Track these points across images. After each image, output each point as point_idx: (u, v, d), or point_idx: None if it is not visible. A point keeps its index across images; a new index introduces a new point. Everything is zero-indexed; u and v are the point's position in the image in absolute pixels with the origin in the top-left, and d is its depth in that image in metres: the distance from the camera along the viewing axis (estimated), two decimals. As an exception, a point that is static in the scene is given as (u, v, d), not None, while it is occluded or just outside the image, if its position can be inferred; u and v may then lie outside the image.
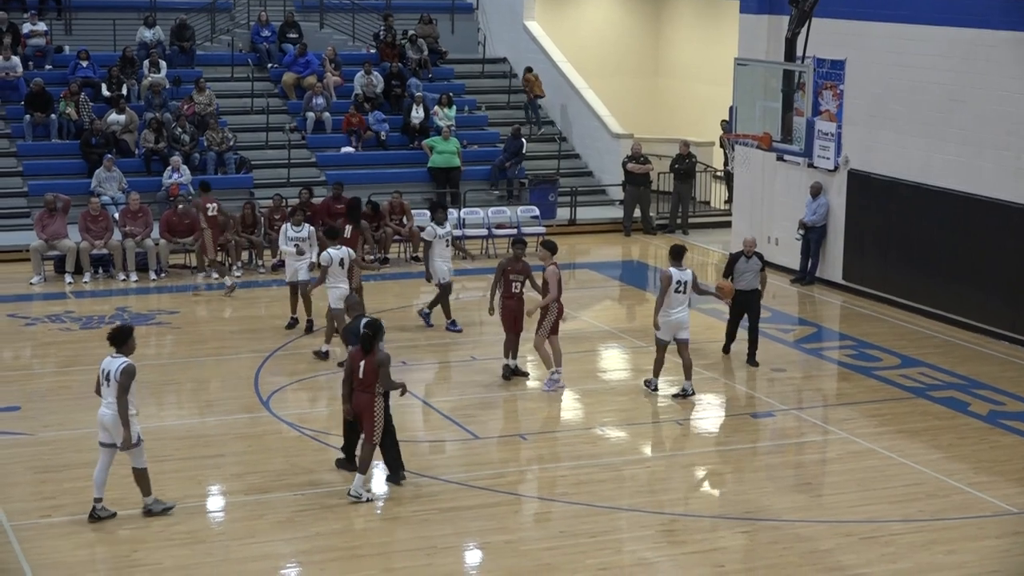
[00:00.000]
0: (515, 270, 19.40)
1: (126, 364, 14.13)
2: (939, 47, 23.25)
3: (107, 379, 14.22)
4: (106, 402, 14.27)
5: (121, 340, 14.33)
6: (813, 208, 25.75)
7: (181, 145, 29.43)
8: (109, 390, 14.20)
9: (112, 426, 14.23)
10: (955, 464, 16.70)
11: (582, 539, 14.26)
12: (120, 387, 14.01)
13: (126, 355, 14.29)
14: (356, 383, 15.08)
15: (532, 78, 34.23)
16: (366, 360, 15.02)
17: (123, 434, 14.09)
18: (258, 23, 34.18)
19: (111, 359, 14.29)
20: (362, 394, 15.07)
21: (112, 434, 14.27)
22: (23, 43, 31.87)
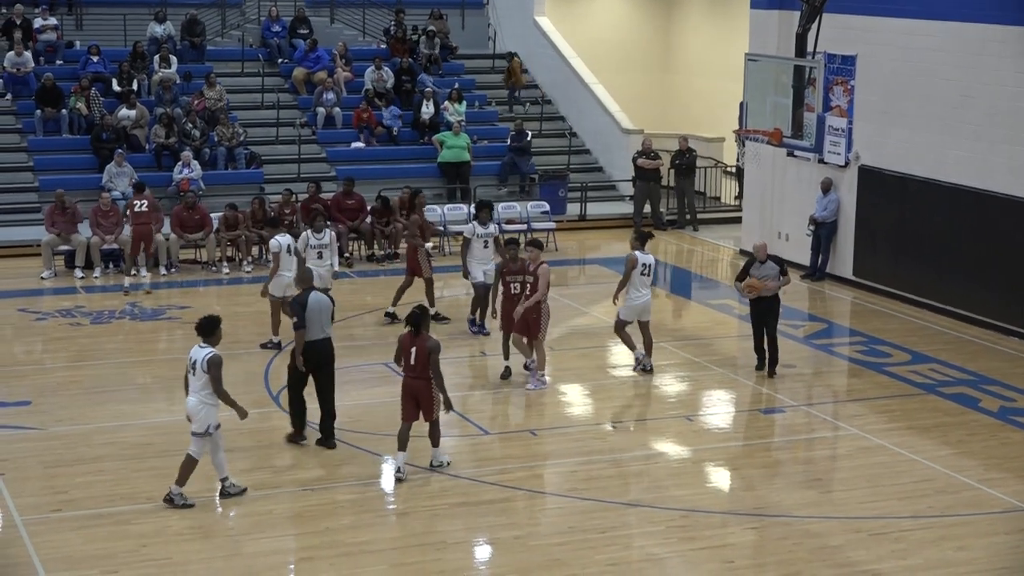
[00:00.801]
0: (511, 271, 19.19)
1: (212, 354, 14.53)
2: (949, 42, 23.21)
3: (193, 368, 14.60)
4: (192, 390, 14.66)
5: (209, 330, 14.74)
6: (824, 204, 25.72)
7: (191, 140, 29.45)
8: (195, 379, 14.57)
9: (194, 412, 14.62)
10: (965, 460, 16.68)
11: (591, 535, 14.26)
12: (212, 379, 14.46)
13: (213, 345, 14.65)
14: (407, 369, 15.49)
15: (516, 66, 34.18)
16: (416, 345, 15.38)
17: (239, 411, 14.73)
18: (268, 18, 34.20)
19: (198, 348, 14.67)
20: (416, 380, 15.46)
21: (194, 419, 14.66)
22: (34, 38, 31.93)
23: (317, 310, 16.54)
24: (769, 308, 19.85)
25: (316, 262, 20.73)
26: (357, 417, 17.84)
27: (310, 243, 21.09)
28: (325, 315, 16.59)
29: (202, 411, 14.61)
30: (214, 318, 14.89)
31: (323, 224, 21.46)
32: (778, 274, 19.71)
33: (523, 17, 36.15)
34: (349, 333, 21.53)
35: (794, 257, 26.79)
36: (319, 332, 16.52)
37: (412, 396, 15.57)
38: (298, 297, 16.85)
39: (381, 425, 17.41)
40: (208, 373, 14.47)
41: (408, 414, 15.67)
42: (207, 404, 14.62)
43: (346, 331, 21.06)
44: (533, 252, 19.16)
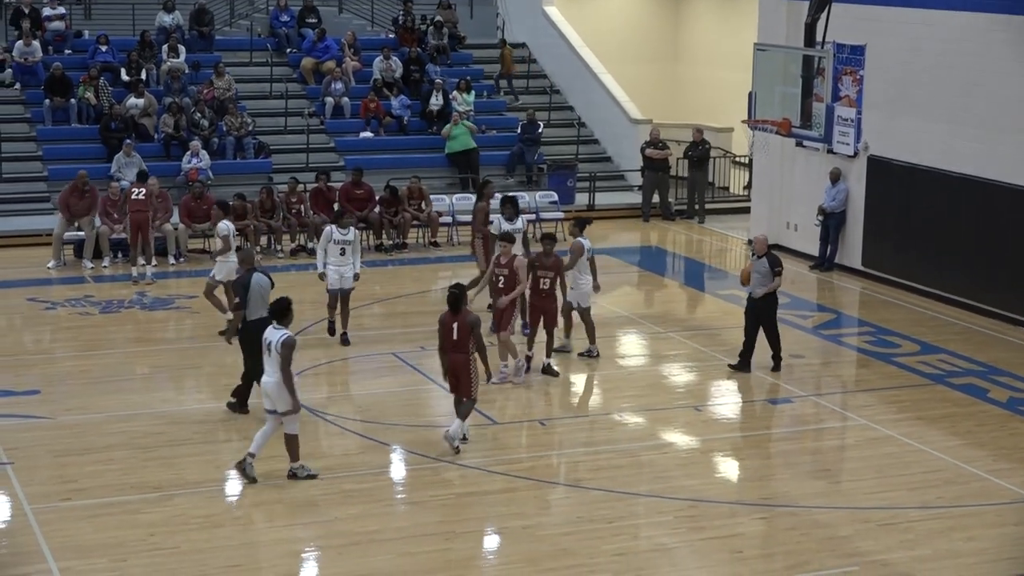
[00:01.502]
0: (544, 266, 18.87)
1: (286, 336, 14.82)
2: (958, 32, 23.16)
3: (268, 349, 14.90)
4: (268, 371, 14.95)
5: (281, 313, 15.01)
6: (832, 194, 25.69)
7: (200, 130, 29.46)
8: (271, 360, 14.86)
9: (274, 393, 14.88)
10: (974, 451, 16.67)
11: (600, 524, 14.27)
12: (283, 359, 14.69)
13: (286, 327, 14.94)
14: (450, 345, 15.82)
15: (507, 53, 34.13)
16: (458, 321, 15.76)
17: (289, 401, 14.87)
18: (277, 8, 34.20)
19: (272, 330, 14.95)
20: (457, 355, 15.84)
21: (274, 401, 14.93)
22: (43, 27, 31.95)
23: (259, 291, 17.01)
24: (762, 308, 19.41)
25: (338, 259, 19.97)
26: (366, 407, 17.87)
27: (333, 238, 20.00)
28: (267, 295, 16.99)
29: (283, 391, 14.93)
30: (286, 300, 15.22)
31: (350, 220, 20.67)
32: (768, 271, 19.25)
33: (532, 6, 36.12)
34: (358, 323, 21.53)
35: (803, 247, 26.85)
36: (260, 311, 16.84)
37: (454, 373, 15.99)
38: (241, 278, 17.40)
39: (390, 415, 17.45)
40: (280, 353, 14.74)
41: (455, 390, 16.22)
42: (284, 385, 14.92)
43: (355, 321, 21.06)
44: (505, 246, 18.71)
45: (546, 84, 34.99)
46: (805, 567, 13.42)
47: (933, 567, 13.43)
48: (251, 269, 17.35)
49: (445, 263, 26.43)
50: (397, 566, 13.26)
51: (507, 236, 19.13)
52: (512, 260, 18.61)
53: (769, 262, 19.24)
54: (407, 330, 21.53)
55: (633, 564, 13.41)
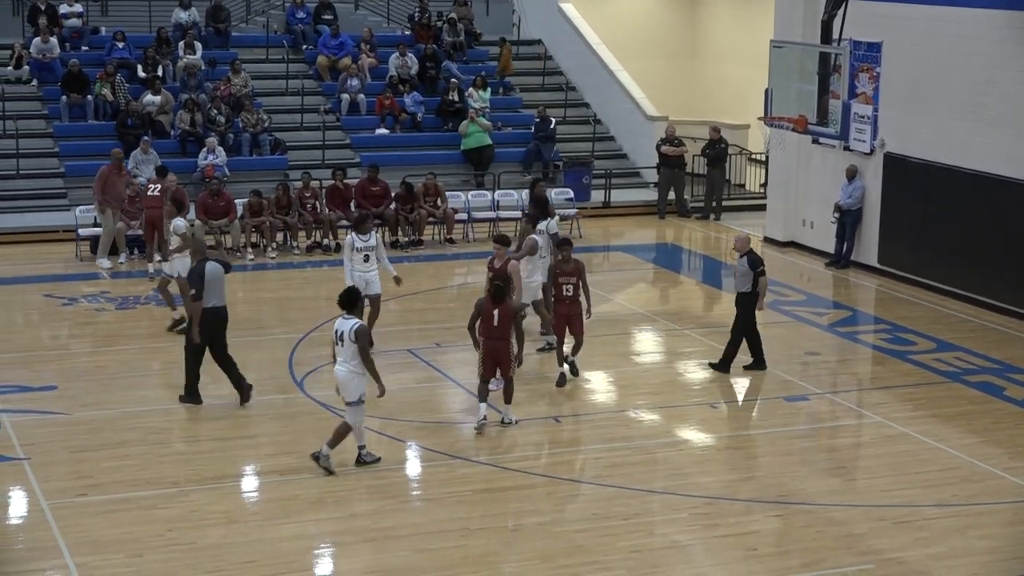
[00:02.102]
0: (564, 272, 18.42)
1: (358, 325, 15.10)
2: (975, 28, 23.10)
3: (340, 339, 15.09)
4: (340, 360, 15.16)
5: (351, 302, 15.27)
6: (849, 191, 25.64)
7: (216, 127, 29.51)
8: (343, 349, 15.06)
9: (344, 382, 15.10)
10: (990, 449, 16.64)
11: (615, 521, 14.27)
12: (360, 349, 14.99)
13: (357, 316, 15.20)
14: (491, 331, 16.41)
15: (506, 52, 34.04)
16: (500, 309, 16.39)
17: (379, 387, 15.29)
18: (293, 4, 34.22)
19: (343, 320, 15.16)
20: (497, 341, 16.49)
21: (343, 388, 15.19)
22: (60, 24, 32.02)
23: (214, 279, 17.26)
24: (739, 303, 19.24)
25: (362, 266, 19.41)
26: (381, 403, 17.85)
27: (356, 246, 19.39)
28: (221, 283, 17.38)
29: (352, 380, 15.13)
30: (354, 290, 15.63)
31: (370, 226, 20.03)
32: (748, 271, 19.00)
33: (548, 3, 36.09)
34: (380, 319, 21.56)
35: (819, 245, 26.82)
36: (217, 300, 17.29)
37: (492, 357, 16.55)
38: (195, 268, 17.54)
39: (405, 411, 17.46)
40: (356, 343, 14.98)
41: (488, 373, 16.71)
42: (356, 373, 15.12)
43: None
44: (499, 248, 18.39)
45: (562, 81, 34.97)
46: (820, 565, 13.41)
47: (948, 565, 13.41)
48: (204, 259, 17.59)
49: (461, 260, 26.44)
50: (413, 562, 13.27)
51: (501, 239, 18.66)
52: (506, 264, 18.14)
53: (749, 262, 19.04)
54: (423, 327, 21.55)
55: (648, 561, 13.41)
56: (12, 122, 29.38)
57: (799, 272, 25.94)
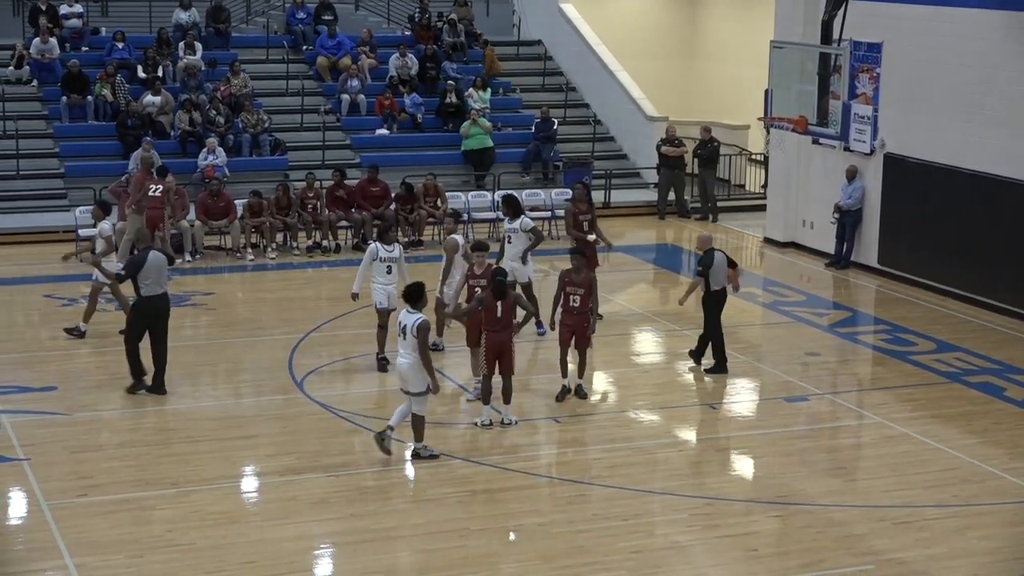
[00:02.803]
0: (573, 282, 17.87)
1: (422, 320, 15.38)
2: (974, 29, 23.11)
3: (403, 333, 15.39)
4: (402, 353, 15.47)
5: (416, 297, 15.60)
6: (848, 192, 25.64)
7: (216, 127, 29.50)
8: (405, 342, 15.36)
9: (407, 375, 15.45)
10: (990, 449, 16.64)
11: (615, 522, 14.27)
12: (420, 343, 15.27)
13: (420, 310, 15.50)
14: (495, 323, 16.53)
15: (489, 53, 33.95)
16: (503, 303, 16.53)
17: (431, 382, 15.49)
18: (293, 5, 34.22)
19: (407, 314, 15.49)
20: (501, 333, 16.60)
21: (406, 382, 15.52)
22: (60, 24, 32.02)
23: (155, 268, 17.67)
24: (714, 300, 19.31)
25: (384, 278, 18.83)
26: (382, 404, 17.89)
27: (379, 255, 18.86)
28: (163, 273, 17.86)
29: (417, 373, 15.42)
30: (420, 284, 15.87)
31: (394, 235, 19.76)
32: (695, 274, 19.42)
33: (548, 4, 36.09)
34: (373, 320, 21.52)
35: (819, 245, 26.83)
36: (157, 288, 17.75)
37: (496, 350, 16.57)
38: (136, 256, 17.98)
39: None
40: (417, 337, 15.22)
41: (491, 369, 16.71)
42: (419, 367, 15.40)
43: (370, 318, 21.05)
44: (479, 256, 17.99)
45: (562, 81, 34.97)
46: (820, 565, 13.42)
47: (949, 565, 13.41)
48: (148, 248, 18.01)
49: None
50: (413, 563, 13.28)
51: (480, 245, 18.22)
52: (487, 269, 17.80)
53: (699, 260, 19.28)
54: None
55: (648, 562, 13.41)
56: (12, 122, 29.39)
57: (799, 272, 25.94)
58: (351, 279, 22.09)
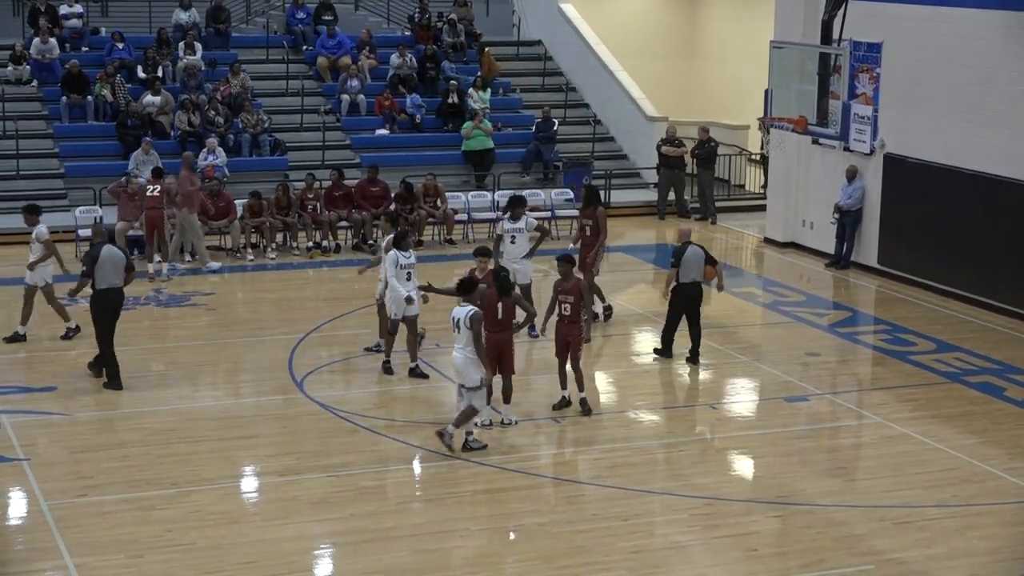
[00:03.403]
0: (563, 290, 17.46)
1: (474, 312, 15.71)
2: (974, 29, 23.11)
3: (457, 326, 15.69)
4: (457, 347, 15.80)
5: (468, 290, 15.93)
6: (848, 192, 25.63)
7: (216, 127, 29.50)
8: (459, 336, 15.69)
9: (463, 368, 15.74)
10: (990, 449, 16.63)
11: (615, 522, 14.27)
12: (474, 335, 15.61)
13: (472, 303, 15.80)
14: (495, 324, 16.43)
15: (486, 57, 33.88)
16: (504, 302, 16.52)
17: (486, 374, 15.80)
18: (293, 5, 34.23)
19: (459, 308, 15.79)
20: (501, 333, 16.56)
21: (461, 374, 15.84)
22: (60, 25, 32.03)
23: (110, 262, 17.99)
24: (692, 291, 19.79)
25: (403, 285, 18.34)
26: (382, 404, 17.89)
27: (399, 262, 18.40)
28: (118, 267, 18.07)
29: (471, 366, 15.71)
30: (471, 279, 16.26)
31: (411, 242, 19.25)
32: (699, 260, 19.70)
33: (548, 4, 36.09)
34: (373, 320, 21.53)
35: (819, 245, 26.83)
36: (111, 282, 18.03)
37: (497, 350, 16.47)
38: (91, 249, 18.32)
39: (406, 412, 17.48)
40: (471, 329, 15.54)
41: (492, 369, 16.46)
42: (473, 360, 15.70)
43: (370, 318, 21.05)
44: (483, 261, 17.90)
45: (562, 81, 34.97)
46: (820, 565, 13.41)
47: (948, 565, 13.41)
48: (103, 242, 18.30)
49: (461, 261, 26.41)
50: (412, 563, 13.27)
51: (482, 251, 18.20)
52: (488, 275, 17.46)
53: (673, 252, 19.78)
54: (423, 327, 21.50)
55: (648, 562, 13.41)
56: (12, 123, 29.39)
57: (799, 272, 25.94)
58: (351, 279, 22.21)
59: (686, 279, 19.44)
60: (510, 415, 16.96)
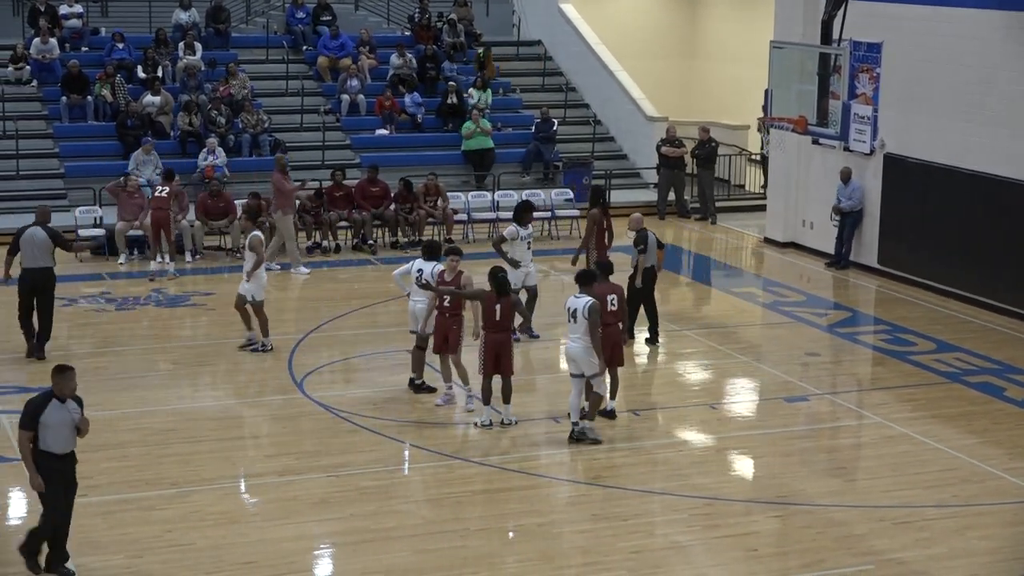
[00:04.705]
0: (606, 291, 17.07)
1: (592, 302, 15.92)
2: (974, 29, 23.10)
3: (573, 317, 15.93)
4: (572, 337, 16.02)
5: (587, 281, 16.28)
6: (847, 193, 25.55)
7: (216, 127, 29.50)
8: (576, 326, 15.92)
9: (580, 357, 15.98)
10: (990, 449, 16.63)
11: (615, 522, 14.27)
12: (591, 324, 15.84)
13: (588, 295, 16.05)
14: (494, 324, 16.58)
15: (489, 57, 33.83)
16: (502, 303, 16.59)
17: (598, 364, 15.98)
18: (293, 5, 34.22)
19: (575, 298, 16.07)
20: (500, 334, 16.67)
21: (580, 365, 16.05)
22: (60, 25, 32.03)
23: (28, 242, 19.08)
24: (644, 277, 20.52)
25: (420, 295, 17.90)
26: (381, 404, 17.87)
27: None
28: (38, 248, 19.04)
29: (589, 354, 15.94)
30: (592, 271, 16.73)
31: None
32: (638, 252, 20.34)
33: (547, 4, 36.09)
34: (373, 320, 21.57)
35: (819, 245, 26.83)
36: (32, 262, 19.11)
37: (495, 350, 16.58)
38: (18, 231, 19.43)
39: (405, 412, 17.47)
40: (588, 319, 15.78)
41: (490, 369, 16.69)
42: (590, 347, 15.94)
43: (370, 318, 21.11)
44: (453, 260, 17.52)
45: (562, 81, 34.96)
46: (820, 565, 13.42)
47: (948, 565, 13.41)
48: (31, 224, 19.30)
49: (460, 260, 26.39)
50: (412, 563, 13.27)
51: (454, 250, 17.84)
52: (458, 277, 17.40)
53: (633, 240, 20.40)
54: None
55: (648, 562, 13.41)
56: (12, 123, 29.39)
57: (799, 272, 25.94)
58: (351, 279, 22.20)
59: (648, 264, 20.27)
60: (510, 415, 16.95)
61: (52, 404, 12.50)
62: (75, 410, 12.67)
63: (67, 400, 12.60)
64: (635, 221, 20.67)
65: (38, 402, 12.55)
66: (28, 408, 12.54)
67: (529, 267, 20.58)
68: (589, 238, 21.67)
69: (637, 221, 20.67)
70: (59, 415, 12.50)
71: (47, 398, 12.55)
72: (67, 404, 12.59)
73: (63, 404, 12.54)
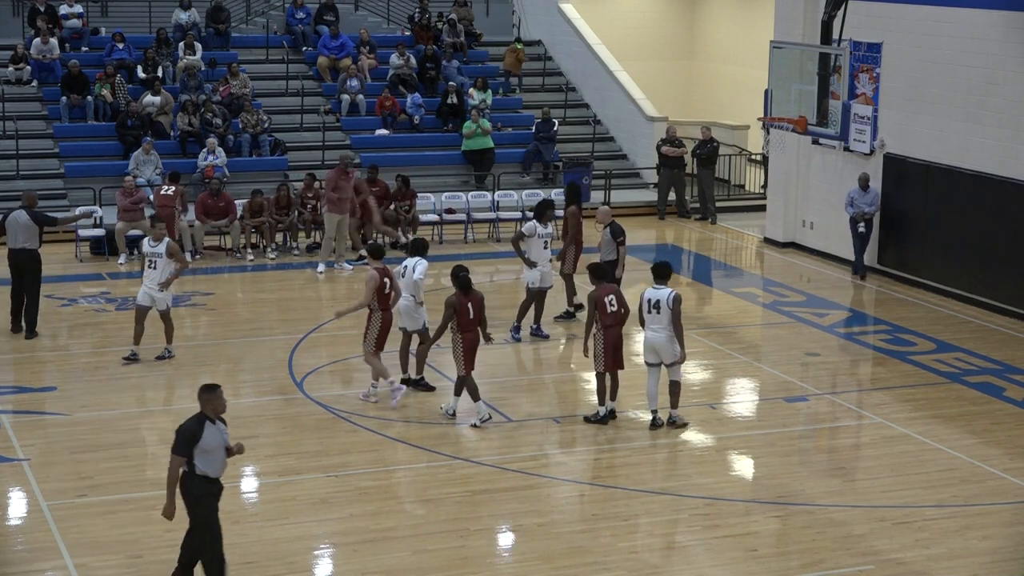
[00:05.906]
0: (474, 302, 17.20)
1: (675, 293, 16.57)
2: (974, 29, 23.11)
3: (654, 307, 16.55)
4: (653, 327, 16.62)
5: (665, 274, 16.79)
6: (869, 200, 25.04)
7: (216, 127, 29.50)
8: (658, 316, 16.54)
9: (663, 347, 16.59)
10: (990, 449, 16.64)
11: (615, 522, 14.27)
12: (675, 314, 16.47)
13: (665, 286, 16.61)
14: (469, 324, 16.78)
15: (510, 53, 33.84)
16: (471, 301, 16.78)
17: (679, 353, 16.62)
18: (293, 5, 34.22)
19: (653, 290, 16.63)
20: (475, 332, 16.89)
21: (660, 355, 16.67)
22: (60, 25, 32.04)
23: (13, 224, 20.35)
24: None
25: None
26: (382, 404, 17.86)
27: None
28: (20, 230, 20.29)
29: (672, 344, 16.59)
30: (667, 263, 16.95)
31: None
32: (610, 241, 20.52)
33: (547, 4, 36.10)
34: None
35: (819, 245, 26.84)
36: (15, 243, 20.37)
37: (473, 348, 16.84)
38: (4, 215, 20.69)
39: (404, 411, 17.46)
40: (672, 309, 16.42)
41: (471, 367, 16.89)
42: (673, 337, 16.55)
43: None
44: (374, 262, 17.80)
45: (562, 82, 34.97)
46: (820, 565, 13.42)
47: (948, 566, 13.41)
48: (20, 207, 20.43)
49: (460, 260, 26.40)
50: (412, 563, 13.28)
51: (376, 250, 18.09)
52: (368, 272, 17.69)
53: (611, 232, 20.53)
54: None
55: (648, 562, 13.41)
56: (12, 122, 29.40)
57: (799, 272, 25.93)
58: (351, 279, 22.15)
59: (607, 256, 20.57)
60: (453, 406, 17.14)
61: (207, 427, 12.02)
62: (225, 431, 12.22)
63: (217, 420, 12.18)
64: (604, 215, 20.92)
65: (192, 427, 11.97)
66: (183, 434, 11.96)
67: (545, 267, 20.70)
68: (573, 235, 21.60)
69: (606, 214, 20.92)
70: (216, 437, 12.04)
71: (200, 421, 12.02)
72: (218, 424, 12.15)
73: (215, 425, 12.09)
